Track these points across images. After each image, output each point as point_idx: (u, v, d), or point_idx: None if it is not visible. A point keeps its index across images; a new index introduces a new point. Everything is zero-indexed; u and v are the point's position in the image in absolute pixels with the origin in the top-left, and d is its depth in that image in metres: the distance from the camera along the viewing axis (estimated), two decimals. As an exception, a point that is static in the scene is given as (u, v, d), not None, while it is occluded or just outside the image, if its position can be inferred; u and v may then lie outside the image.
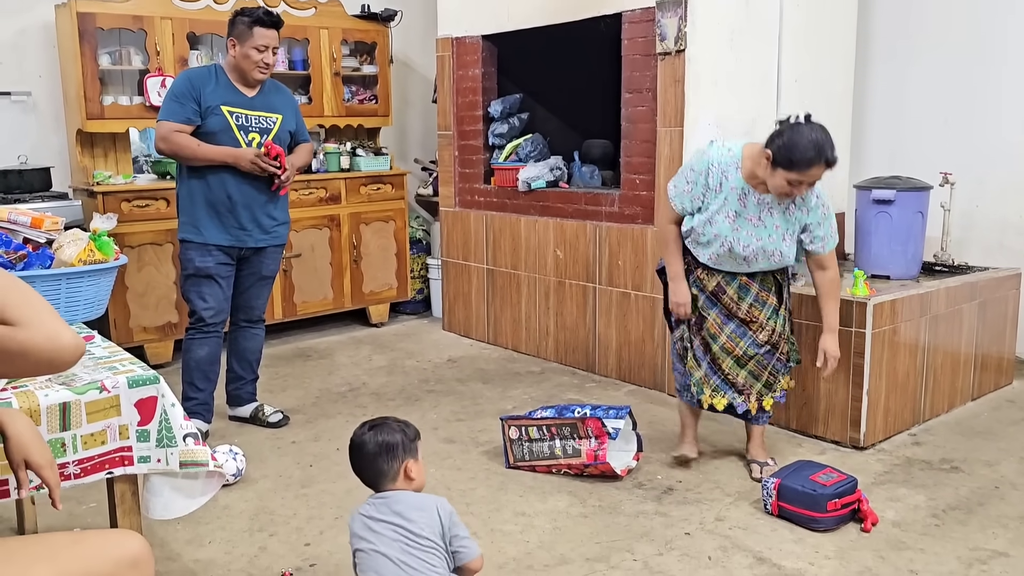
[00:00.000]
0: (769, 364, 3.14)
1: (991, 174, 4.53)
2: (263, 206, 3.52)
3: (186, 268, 3.52)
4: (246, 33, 3.37)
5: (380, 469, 2.08)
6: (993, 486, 3.09)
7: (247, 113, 3.46)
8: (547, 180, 4.71)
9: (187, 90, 3.38)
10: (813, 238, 3.00)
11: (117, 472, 1.88)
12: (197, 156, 3.38)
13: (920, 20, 4.77)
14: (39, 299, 1.27)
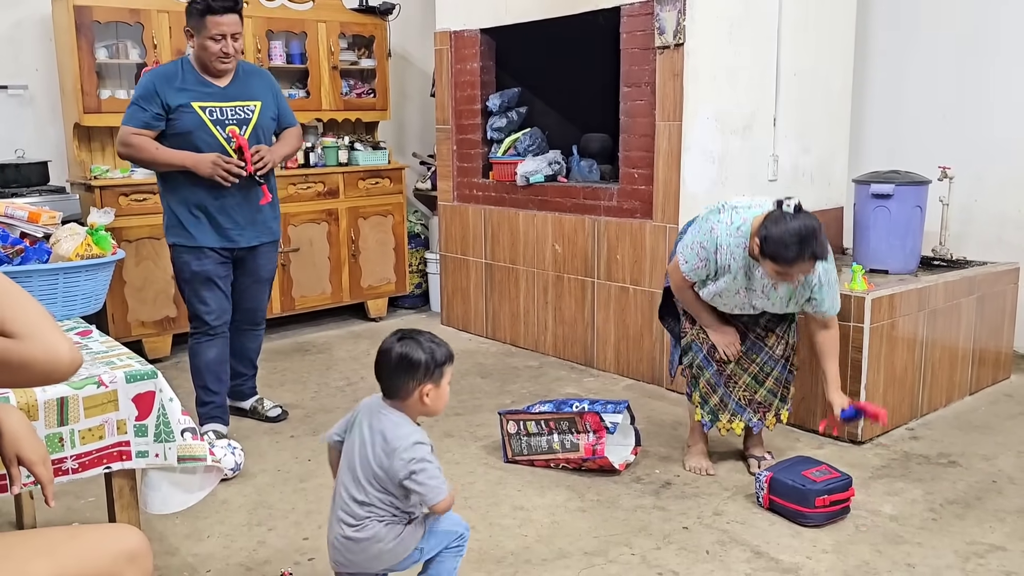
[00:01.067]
0: (784, 377, 3.16)
1: (990, 168, 4.54)
2: (251, 204, 3.36)
3: (182, 272, 3.40)
4: (199, 23, 3.16)
5: (395, 383, 2.03)
6: (990, 480, 3.10)
7: (221, 106, 3.26)
8: (545, 174, 4.70)
9: (150, 92, 3.20)
10: (816, 305, 2.97)
11: (115, 467, 1.88)
12: (156, 161, 3.24)
13: (918, 14, 4.76)
14: (38, 309, 1.26)
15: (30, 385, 1.53)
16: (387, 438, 2.00)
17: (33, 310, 1.25)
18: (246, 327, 3.66)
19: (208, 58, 3.21)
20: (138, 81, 3.23)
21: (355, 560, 2.05)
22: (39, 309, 1.27)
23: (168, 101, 3.20)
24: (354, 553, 2.04)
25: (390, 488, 2.00)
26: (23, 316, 1.23)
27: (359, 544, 2.02)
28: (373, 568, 2.07)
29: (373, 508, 2.01)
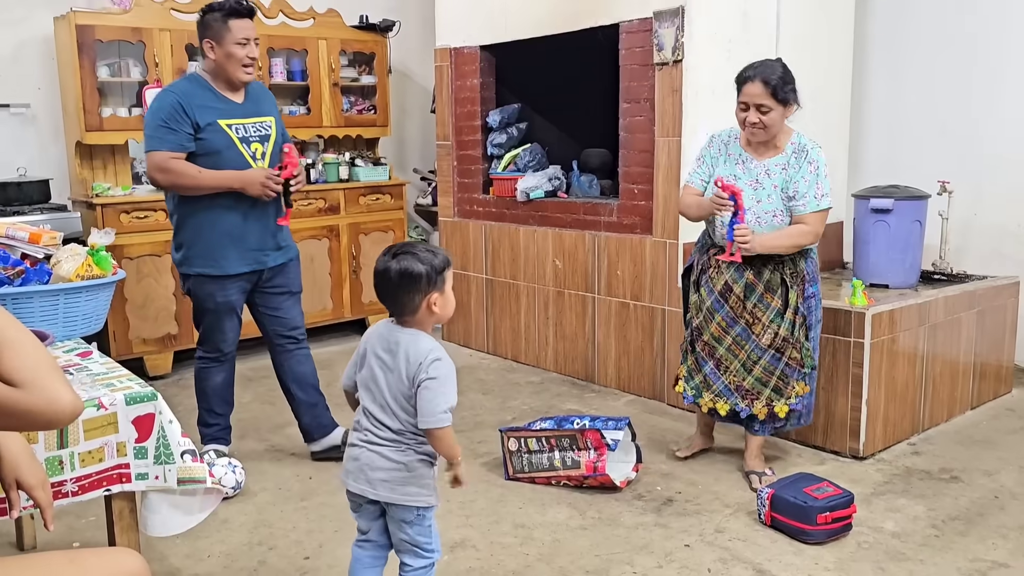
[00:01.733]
0: (777, 369, 3.10)
1: (989, 182, 4.54)
2: (272, 221, 3.25)
3: (205, 303, 3.22)
4: (222, 29, 3.03)
5: (401, 301, 2.02)
6: (993, 496, 3.09)
7: (243, 123, 3.14)
8: (546, 190, 4.71)
9: (177, 111, 3.02)
10: (796, 195, 3.00)
11: (115, 489, 1.88)
12: (201, 185, 3.05)
13: (917, 29, 4.78)
14: (43, 357, 1.28)
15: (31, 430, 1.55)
16: (410, 357, 2.00)
17: (38, 359, 1.27)
18: (292, 347, 3.47)
19: (234, 66, 3.06)
20: (149, 102, 3.12)
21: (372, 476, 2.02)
22: (44, 358, 1.28)
23: (197, 119, 3.04)
24: (375, 470, 2.02)
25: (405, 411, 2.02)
26: (28, 365, 1.24)
27: (388, 461, 2.01)
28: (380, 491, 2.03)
29: (404, 435, 2.02)
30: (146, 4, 4.67)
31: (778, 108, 2.99)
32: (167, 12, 4.73)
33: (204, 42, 3.09)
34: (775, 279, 3.07)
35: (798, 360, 3.11)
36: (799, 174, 3.01)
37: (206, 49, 3.09)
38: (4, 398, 1.20)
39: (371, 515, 2.11)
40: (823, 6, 4.40)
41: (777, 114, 2.99)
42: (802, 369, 3.12)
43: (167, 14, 4.73)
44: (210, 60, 3.09)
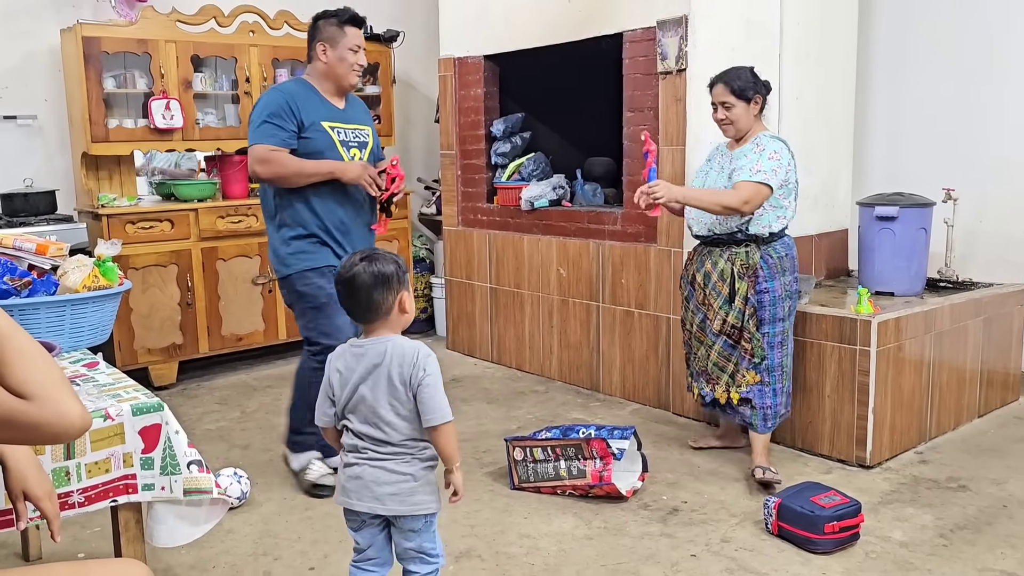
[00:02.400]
0: (732, 356, 3.29)
1: (993, 189, 4.53)
2: (364, 228, 3.27)
3: (317, 297, 3.15)
4: (339, 34, 3.13)
5: (375, 301, 2.01)
6: (1001, 505, 3.07)
7: (344, 127, 3.20)
8: (550, 199, 4.72)
9: (284, 109, 3.07)
10: (736, 170, 3.17)
11: (121, 500, 1.88)
12: (303, 173, 3.07)
13: (921, 36, 4.78)
14: (53, 370, 1.27)
15: (39, 444, 1.54)
16: (400, 361, 1.99)
17: (49, 372, 1.26)
18: None
19: (345, 70, 3.15)
20: (261, 100, 3.13)
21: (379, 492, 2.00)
22: (54, 371, 1.28)
23: (302, 118, 3.09)
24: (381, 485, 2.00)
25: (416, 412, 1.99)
26: (37, 378, 1.23)
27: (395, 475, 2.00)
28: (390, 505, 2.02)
29: (406, 445, 2.01)
30: (152, 16, 4.69)
31: (741, 104, 3.22)
32: (172, 24, 4.76)
33: (317, 44, 3.16)
34: (727, 269, 3.24)
35: (749, 350, 3.24)
36: (742, 152, 3.21)
37: (319, 52, 3.16)
38: (13, 410, 1.20)
39: (374, 531, 2.10)
40: (826, 14, 4.40)
41: (741, 110, 3.22)
42: (752, 359, 3.24)
43: (172, 26, 4.75)
44: (321, 63, 3.17)
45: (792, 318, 3.31)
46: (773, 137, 3.24)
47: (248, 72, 4.99)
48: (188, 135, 4.83)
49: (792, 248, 3.31)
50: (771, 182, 3.11)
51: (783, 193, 3.20)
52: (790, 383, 3.34)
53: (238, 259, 4.88)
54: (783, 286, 3.23)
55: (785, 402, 3.32)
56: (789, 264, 3.27)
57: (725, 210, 3.11)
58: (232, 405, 4.40)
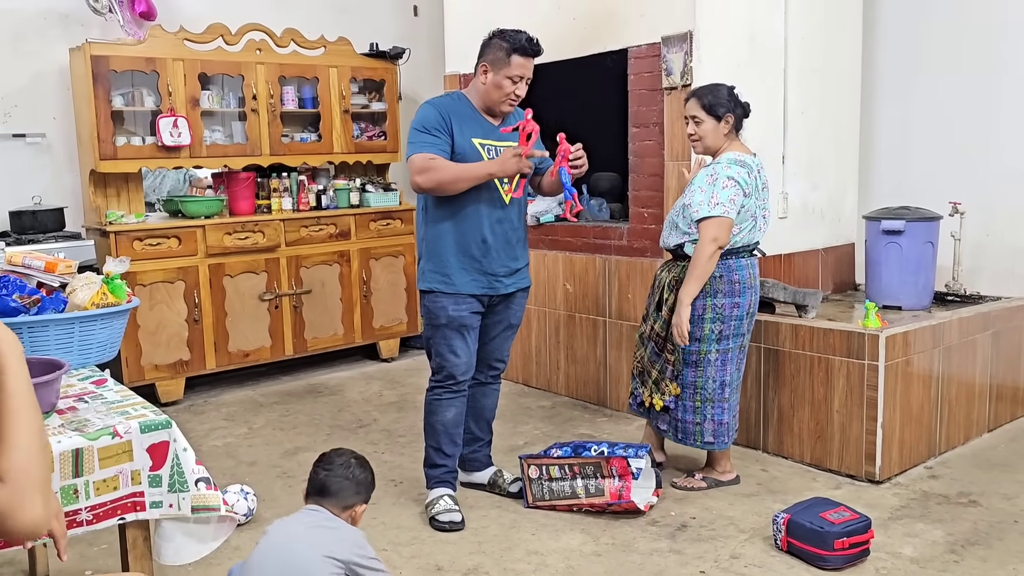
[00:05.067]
0: (657, 364, 3.39)
1: (1000, 202, 4.52)
2: (513, 247, 3.17)
3: (437, 318, 3.12)
4: (502, 61, 3.01)
5: (341, 495, 2.18)
6: (1012, 520, 3.05)
7: (497, 145, 3.10)
8: (556, 214, 4.73)
9: (439, 122, 3.02)
10: (688, 204, 3.20)
11: (129, 518, 1.87)
12: (462, 178, 2.97)
13: (926, 49, 4.79)
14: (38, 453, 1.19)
15: None
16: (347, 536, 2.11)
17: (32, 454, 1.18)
18: (488, 379, 3.36)
19: (499, 97, 3.06)
20: (417, 114, 3.08)
21: None
22: (39, 455, 1.19)
23: (455, 132, 3.04)
24: None
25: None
26: (20, 458, 1.16)
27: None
28: None
29: None
30: (160, 35, 4.73)
31: (710, 120, 3.22)
32: (180, 42, 4.79)
33: (480, 64, 3.09)
34: (665, 279, 3.36)
35: (671, 361, 3.32)
36: (698, 184, 3.19)
37: (479, 71, 3.09)
38: None
39: None
40: (830, 28, 4.42)
41: (710, 126, 3.23)
42: (673, 370, 3.32)
43: (180, 44, 4.79)
44: (479, 82, 3.10)
45: (723, 344, 3.24)
46: (731, 162, 3.17)
47: (255, 90, 5.03)
48: (195, 152, 4.86)
49: (735, 272, 3.21)
50: (730, 213, 3.10)
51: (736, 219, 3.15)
52: (719, 411, 3.27)
53: (245, 275, 4.89)
54: (711, 308, 3.21)
55: (712, 428, 3.28)
56: (725, 287, 3.20)
57: (711, 259, 3.11)
58: (239, 421, 4.40)
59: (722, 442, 3.32)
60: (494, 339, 3.30)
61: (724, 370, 3.27)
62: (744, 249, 3.25)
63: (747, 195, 3.14)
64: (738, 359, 3.31)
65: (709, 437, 3.31)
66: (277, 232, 4.99)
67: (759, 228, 3.26)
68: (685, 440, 3.35)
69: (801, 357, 3.55)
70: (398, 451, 3.89)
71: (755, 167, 3.21)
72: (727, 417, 3.30)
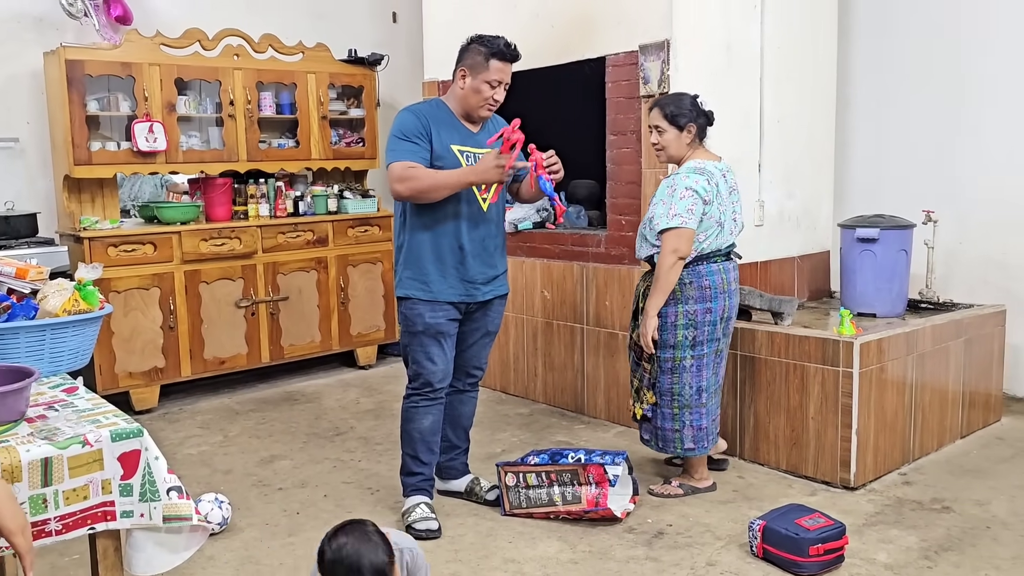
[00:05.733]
0: (637, 372, 3.42)
1: (973, 211, 4.59)
2: (491, 255, 3.17)
3: (413, 325, 3.11)
4: (481, 65, 3.02)
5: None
6: (985, 526, 3.08)
7: (475, 152, 3.09)
8: (534, 221, 4.73)
9: (417, 128, 3.01)
10: (652, 217, 3.25)
11: (99, 528, 1.84)
12: (442, 185, 2.95)
13: (900, 60, 4.85)
14: None
15: None
16: None
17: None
18: (465, 387, 3.35)
19: (477, 102, 3.06)
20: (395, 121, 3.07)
21: None
22: None
23: (434, 139, 3.03)
24: None
25: None
26: None
27: None
28: None
29: None
30: (136, 39, 4.69)
31: (672, 130, 3.26)
32: (156, 47, 4.76)
33: (459, 69, 3.09)
34: (642, 288, 3.40)
35: (648, 370, 3.35)
36: (659, 196, 3.23)
37: (458, 76, 3.09)
38: None
39: None
40: (806, 38, 4.46)
41: (671, 136, 3.27)
42: (650, 378, 3.35)
43: (156, 49, 4.76)
44: (457, 87, 3.10)
45: (697, 350, 3.26)
46: (690, 171, 3.20)
47: (232, 95, 5.00)
48: (171, 158, 4.82)
49: (704, 278, 3.23)
50: (689, 224, 3.13)
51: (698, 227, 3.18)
52: (697, 416, 3.30)
53: (221, 282, 4.85)
54: (682, 314, 3.24)
55: (691, 435, 3.31)
56: (695, 293, 3.23)
57: (674, 269, 3.15)
58: (214, 429, 4.36)
59: (702, 447, 3.33)
60: (472, 346, 3.29)
61: (700, 376, 3.28)
62: (715, 254, 3.26)
63: (707, 202, 3.16)
64: (714, 363, 3.32)
65: (689, 443, 3.32)
66: (254, 238, 4.96)
67: (729, 232, 3.28)
68: (665, 448, 3.37)
69: (777, 364, 3.57)
70: (375, 459, 3.87)
71: (719, 172, 3.24)
72: (705, 422, 3.31)
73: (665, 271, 3.16)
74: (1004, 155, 4.51)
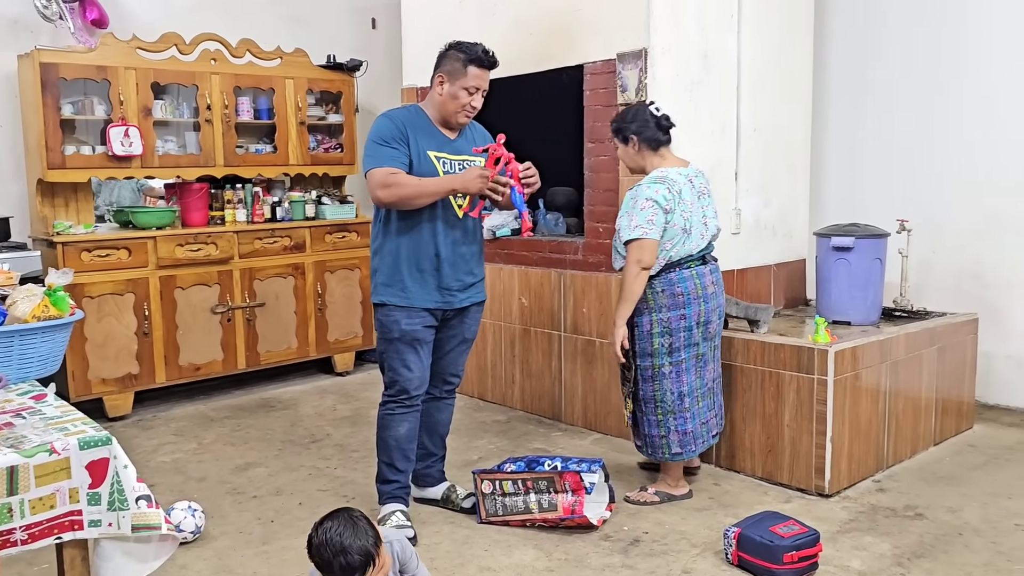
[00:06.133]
0: (620, 376, 3.45)
1: (946, 221, 4.64)
2: (467, 262, 3.15)
3: (390, 332, 3.09)
4: (459, 72, 3.02)
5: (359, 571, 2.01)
6: (957, 533, 3.10)
7: (452, 158, 3.09)
8: (512, 228, 4.73)
9: (395, 133, 3.01)
10: (619, 228, 3.27)
11: (67, 537, 1.82)
12: (423, 192, 2.94)
13: (875, 71, 4.91)
14: None
15: None
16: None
17: None
18: (442, 394, 3.34)
19: (454, 108, 3.06)
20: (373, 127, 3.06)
21: None
22: None
23: (411, 144, 3.02)
24: None
25: None
26: None
27: None
28: None
29: None
30: (111, 43, 4.65)
31: (620, 144, 3.38)
32: (132, 51, 4.72)
33: (437, 75, 3.09)
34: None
35: (629, 378, 3.39)
36: (624, 208, 3.28)
37: (435, 83, 3.09)
38: None
39: None
40: (782, 48, 4.50)
41: (621, 150, 3.39)
42: (630, 386, 3.39)
43: (132, 52, 4.72)
44: (435, 93, 3.10)
45: (675, 356, 3.29)
46: (651, 181, 3.23)
47: (209, 100, 4.97)
48: (147, 162, 4.78)
49: (676, 285, 3.26)
50: (651, 234, 3.16)
51: (663, 235, 3.21)
52: (681, 421, 3.32)
53: (197, 287, 4.82)
54: (657, 322, 3.27)
55: (677, 439, 3.33)
56: (667, 301, 3.26)
57: (638, 279, 3.19)
58: (188, 436, 4.32)
59: (690, 451, 3.36)
60: (448, 353, 3.28)
61: (680, 381, 3.30)
62: (687, 260, 3.27)
63: (668, 211, 3.18)
64: (696, 368, 3.33)
65: (676, 448, 3.34)
66: (231, 244, 4.93)
67: (698, 237, 3.28)
68: (654, 454, 3.39)
69: (753, 372, 3.59)
70: (351, 466, 3.85)
71: (684, 178, 3.26)
72: (691, 426, 3.33)
73: (629, 282, 3.21)
74: (976, 165, 4.56)
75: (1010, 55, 4.41)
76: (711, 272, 3.34)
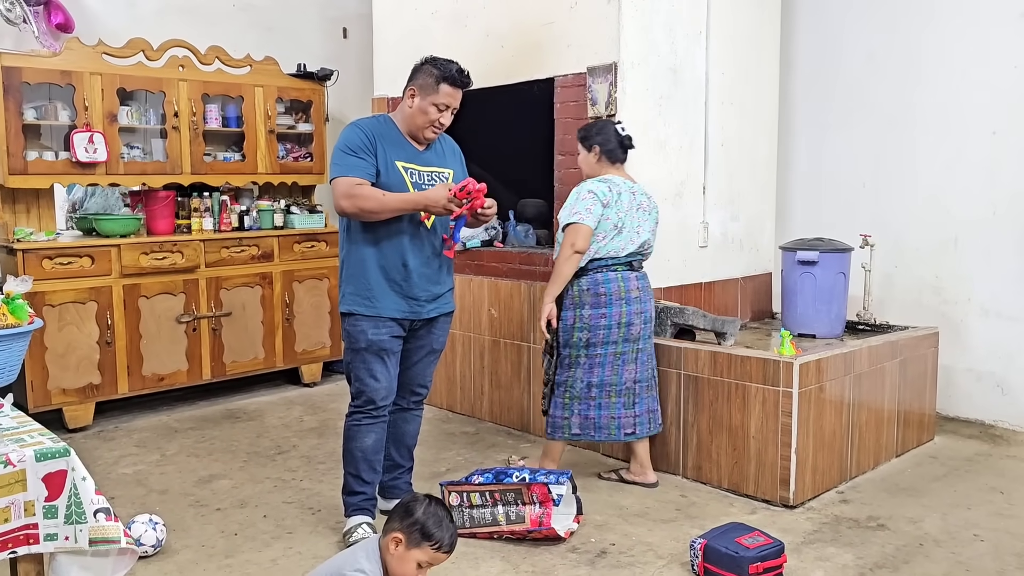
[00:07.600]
0: (543, 361, 3.68)
1: (907, 236, 4.72)
2: (436, 272, 3.14)
3: (357, 342, 3.07)
4: (431, 87, 3.02)
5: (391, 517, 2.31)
6: (918, 543, 3.14)
7: (420, 169, 3.09)
8: (482, 239, 4.73)
9: (363, 143, 3.00)
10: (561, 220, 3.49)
11: (21, 551, 1.78)
12: (386, 208, 2.94)
13: (839, 89, 4.98)
14: None
15: None
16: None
17: None
18: (410, 405, 3.32)
19: (422, 123, 3.05)
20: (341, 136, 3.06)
21: None
22: None
23: (379, 154, 3.01)
24: None
25: None
26: None
27: None
28: None
29: None
30: (77, 48, 4.59)
31: (582, 151, 3.60)
32: (98, 56, 4.66)
33: (409, 87, 3.09)
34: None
35: (552, 361, 3.60)
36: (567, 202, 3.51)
37: (407, 94, 3.09)
38: None
39: None
40: (749, 64, 4.57)
41: (582, 156, 3.61)
42: (549, 371, 3.61)
43: (98, 58, 4.66)
44: (406, 105, 3.10)
45: (591, 350, 3.50)
46: (594, 181, 3.50)
47: (177, 107, 4.92)
48: (112, 169, 4.71)
49: (600, 286, 3.47)
50: (586, 221, 3.39)
51: (596, 228, 3.42)
52: (585, 407, 3.54)
53: (161, 296, 4.75)
54: (578, 318, 3.50)
55: (579, 422, 3.55)
56: (590, 299, 3.48)
57: (569, 261, 3.41)
58: (151, 448, 4.25)
59: (587, 435, 3.58)
60: (416, 364, 3.27)
61: (591, 373, 3.52)
62: (613, 261, 3.48)
63: (606, 205, 3.42)
64: (612, 364, 3.52)
65: (576, 429, 3.57)
66: (197, 252, 4.87)
67: (629, 240, 3.49)
68: (553, 434, 3.62)
69: (719, 384, 3.62)
70: (317, 478, 3.81)
71: (626, 187, 3.50)
72: (594, 414, 3.55)
73: (561, 262, 3.42)
74: (936, 183, 4.65)
75: (969, 77, 4.51)
76: (637, 279, 3.54)
